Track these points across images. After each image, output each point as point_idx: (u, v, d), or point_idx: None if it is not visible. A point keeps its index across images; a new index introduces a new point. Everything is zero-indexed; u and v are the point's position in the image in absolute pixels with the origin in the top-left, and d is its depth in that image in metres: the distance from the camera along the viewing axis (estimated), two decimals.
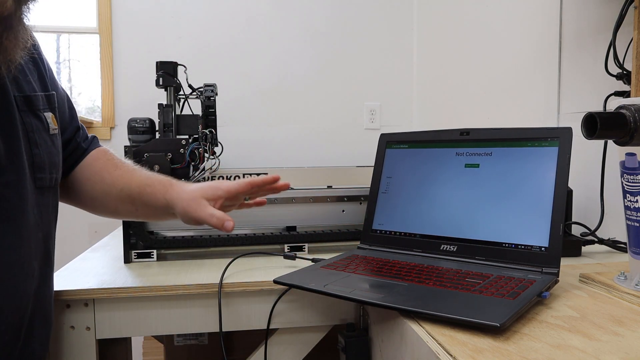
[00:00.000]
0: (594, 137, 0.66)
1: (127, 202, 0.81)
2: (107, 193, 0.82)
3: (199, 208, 0.73)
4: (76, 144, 0.84)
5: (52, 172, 0.73)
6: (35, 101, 0.72)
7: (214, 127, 1.09)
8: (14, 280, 0.66)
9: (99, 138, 0.91)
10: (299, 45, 2.31)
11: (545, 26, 1.35)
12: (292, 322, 0.89)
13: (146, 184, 0.80)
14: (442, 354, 0.53)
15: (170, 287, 0.84)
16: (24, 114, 0.69)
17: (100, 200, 0.83)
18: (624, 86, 1.04)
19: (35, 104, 0.72)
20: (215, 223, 0.72)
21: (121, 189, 0.81)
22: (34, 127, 0.71)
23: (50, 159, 0.73)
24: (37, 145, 0.70)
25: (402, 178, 0.96)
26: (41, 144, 0.71)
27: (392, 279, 0.75)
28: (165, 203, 0.78)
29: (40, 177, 0.71)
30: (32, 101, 0.71)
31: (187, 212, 0.74)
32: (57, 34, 2.32)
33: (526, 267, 0.76)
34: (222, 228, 0.71)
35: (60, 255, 0.88)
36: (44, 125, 0.73)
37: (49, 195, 0.74)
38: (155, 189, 0.79)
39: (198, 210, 0.73)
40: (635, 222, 0.71)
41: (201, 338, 1.43)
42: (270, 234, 1.08)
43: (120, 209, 0.83)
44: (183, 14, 2.23)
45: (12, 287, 0.66)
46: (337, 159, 2.29)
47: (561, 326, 0.60)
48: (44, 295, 0.74)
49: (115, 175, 0.82)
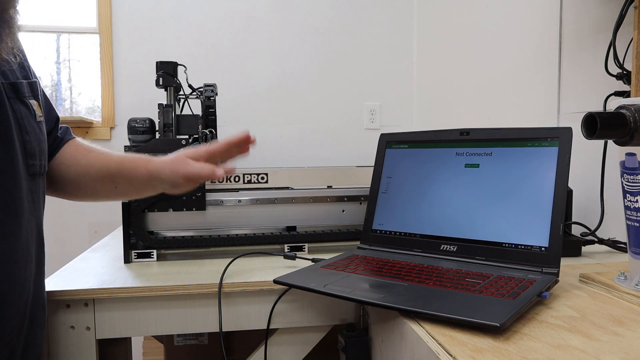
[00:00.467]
0: (594, 137, 0.66)
1: (107, 181, 0.83)
2: (84, 175, 0.84)
3: (188, 165, 0.78)
4: (56, 133, 0.86)
5: (41, 158, 0.75)
6: (21, 88, 0.73)
7: (214, 127, 1.09)
8: (16, 267, 0.68)
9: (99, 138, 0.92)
10: (299, 45, 2.31)
11: (545, 26, 1.35)
12: (292, 322, 0.89)
13: (125, 160, 0.83)
14: (442, 354, 0.53)
15: (170, 287, 0.84)
16: (12, 101, 0.70)
17: (77, 183, 0.85)
18: (624, 86, 1.04)
19: (22, 91, 0.73)
20: (207, 172, 0.76)
21: (99, 168, 0.83)
22: (22, 114, 0.72)
23: (40, 146, 0.74)
24: (27, 132, 0.71)
25: (402, 178, 0.96)
26: (31, 130, 0.72)
27: (392, 279, 0.75)
28: (148, 174, 0.81)
29: (32, 163, 0.72)
30: (19, 88, 0.72)
31: (177, 170, 0.78)
32: (57, 34, 2.32)
33: (526, 267, 0.76)
34: (213, 176, 0.76)
35: (60, 255, 0.88)
36: (31, 112, 0.74)
37: (39, 181, 0.75)
38: (137, 163, 0.82)
39: (187, 167, 0.77)
40: (635, 222, 0.71)
41: (201, 338, 1.43)
42: (270, 234, 1.08)
43: (98, 190, 0.85)
44: (183, 14, 2.23)
45: (15, 273, 0.68)
46: (337, 159, 2.29)
47: (561, 326, 0.60)
48: (40, 280, 0.76)
49: (91, 157, 0.85)
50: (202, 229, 1.06)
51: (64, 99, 2.39)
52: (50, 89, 2.37)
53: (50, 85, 2.37)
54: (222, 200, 1.06)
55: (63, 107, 2.38)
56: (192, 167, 0.77)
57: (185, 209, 1.04)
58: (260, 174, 1.11)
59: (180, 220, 1.05)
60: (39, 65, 2.32)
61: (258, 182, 1.11)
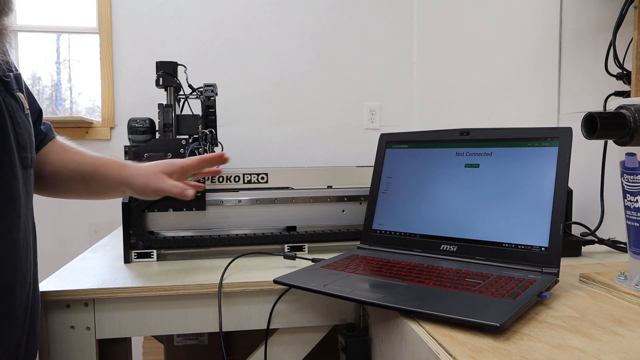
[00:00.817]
0: (594, 137, 0.66)
1: (79, 182, 0.85)
2: (58, 174, 0.85)
3: (160, 181, 0.82)
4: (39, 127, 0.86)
5: (31, 151, 0.76)
6: (9, 81, 0.73)
7: (214, 127, 1.09)
8: (19, 258, 0.70)
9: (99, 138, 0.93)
10: (299, 45, 2.31)
11: (545, 26, 1.35)
12: (292, 322, 0.89)
13: (99, 164, 0.86)
14: (442, 354, 0.53)
15: (170, 287, 0.84)
16: (3, 93, 0.71)
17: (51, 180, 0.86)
18: (624, 86, 1.04)
19: (10, 84, 0.73)
20: (178, 192, 0.81)
21: (72, 169, 0.85)
22: (13, 107, 0.72)
23: (30, 139, 0.75)
24: (19, 125, 0.72)
25: (402, 178, 0.96)
26: (21, 123, 0.73)
27: (392, 279, 0.75)
28: (119, 181, 0.84)
29: (25, 156, 0.73)
30: (7, 81, 0.73)
31: (149, 184, 0.82)
32: (57, 34, 2.32)
33: (526, 267, 0.76)
34: (183, 196, 0.81)
35: (60, 255, 0.89)
36: (20, 105, 0.75)
37: (30, 173, 0.77)
38: (110, 169, 0.85)
39: (159, 183, 0.82)
40: (635, 222, 0.71)
41: (201, 338, 1.43)
42: (270, 234, 1.08)
43: (69, 188, 0.87)
44: (183, 14, 2.23)
45: (19, 264, 0.70)
46: (337, 159, 2.29)
47: (561, 326, 0.60)
48: (36, 271, 0.78)
49: (65, 157, 0.86)
50: (202, 229, 1.06)
51: (64, 99, 2.39)
52: (50, 89, 2.37)
53: (50, 85, 2.37)
54: (222, 200, 1.06)
55: (63, 107, 2.38)
56: (164, 184, 0.82)
57: (185, 209, 1.04)
58: (260, 174, 1.11)
59: (180, 220, 1.05)
60: (39, 65, 2.33)
61: (258, 182, 1.11)
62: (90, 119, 2.21)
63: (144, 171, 0.83)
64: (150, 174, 0.83)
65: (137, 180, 0.83)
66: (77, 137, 2.16)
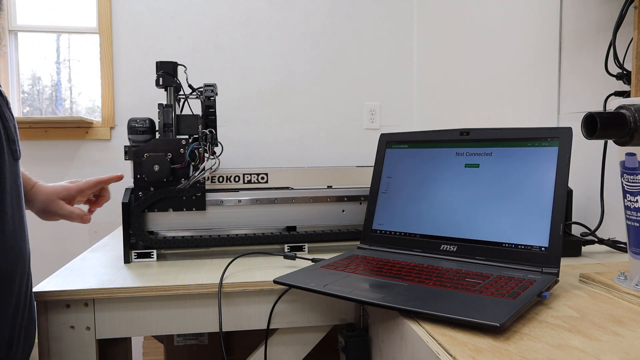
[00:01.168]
0: (594, 137, 0.66)
1: None
2: None
3: (57, 207, 0.91)
4: None
5: (18, 144, 0.77)
6: None
7: (214, 127, 1.09)
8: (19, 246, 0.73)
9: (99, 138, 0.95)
10: (299, 45, 2.31)
11: (545, 26, 1.35)
12: (292, 322, 0.89)
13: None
14: (442, 354, 0.53)
15: (170, 287, 0.84)
16: None
17: None
18: (624, 86, 1.04)
19: None
20: (76, 218, 0.92)
21: None
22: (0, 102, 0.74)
23: (15, 132, 0.77)
24: (6, 119, 0.74)
25: (402, 178, 0.96)
26: (7, 117, 0.75)
27: (392, 279, 0.75)
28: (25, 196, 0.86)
29: (14, 149, 0.75)
30: None
31: (48, 210, 0.91)
32: (57, 34, 2.32)
33: (526, 267, 0.76)
34: (82, 221, 0.91)
35: (60, 255, 0.90)
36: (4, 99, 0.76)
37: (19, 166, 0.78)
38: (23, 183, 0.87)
39: (57, 209, 0.91)
40: (635, 222, 0.71)
41: (201, 338, 1.43)
42: (270, 234, 1.08)
43: None
44: (183, 14, 2.23)
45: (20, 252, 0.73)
46: (337, 159, 2.29)
47: (561, 326, 0.60)
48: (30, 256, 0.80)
49: None
50: (202, 229, 1.06)
51: (64, 99, 2.39)
52: (50, 89, 2.37)
53: (50, 85, 2.37)
54: (222, 200, 1.06)
55: (63, 107, 2.38)
56: (62, 211, 0.91)
57: (185, 209, 1.04)
58: (260, 174, 1.11)
59: (180, 220, 1.05)
60: (39, 65, 2.32)
61: (258, 182, 1.11)
62: (90, 119, 2.21)
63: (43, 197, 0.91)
64: (49, 201, 0.91)
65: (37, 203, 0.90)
66: (77, 137, 2.17)
